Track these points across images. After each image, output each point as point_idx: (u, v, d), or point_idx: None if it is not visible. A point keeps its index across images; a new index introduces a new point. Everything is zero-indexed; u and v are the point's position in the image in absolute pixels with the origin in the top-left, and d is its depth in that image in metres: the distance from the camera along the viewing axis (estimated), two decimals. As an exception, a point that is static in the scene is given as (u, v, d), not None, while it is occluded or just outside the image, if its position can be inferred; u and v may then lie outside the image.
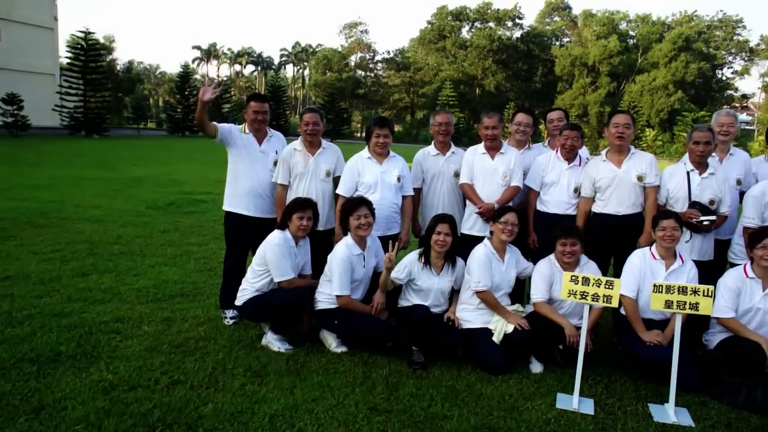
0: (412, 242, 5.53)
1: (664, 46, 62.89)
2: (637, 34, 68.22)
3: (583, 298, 4.13)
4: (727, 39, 67.67)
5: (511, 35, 72.47)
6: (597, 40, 65.65)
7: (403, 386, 4.15)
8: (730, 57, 69.19)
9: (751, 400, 4.03)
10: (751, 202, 4.73)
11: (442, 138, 5.55)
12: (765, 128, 48.06)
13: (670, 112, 58.38)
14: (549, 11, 75.45)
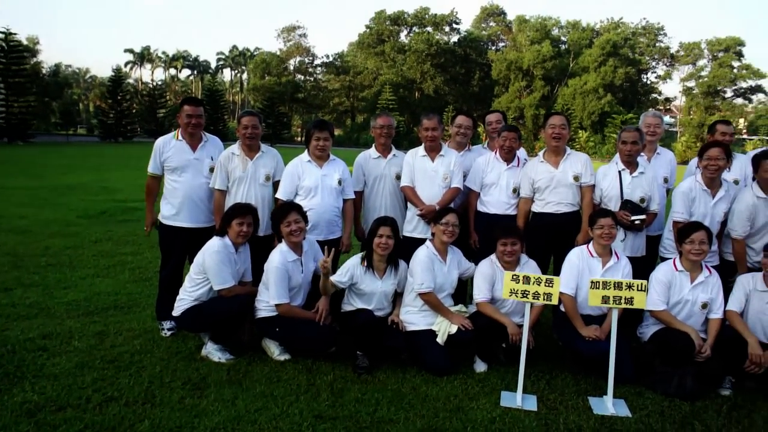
0: (354, 246, 5.48)
1: (594, 52, 65.44)
2: (568, 39, 70.71)
3: (524, 296, 4.20)
4: (651, 45, 71.19)
5: (448, 40, 73.70)
6: (531, 45, 67.60)
7: (349, 392, 4.09)
8: (654, 62, 72.87)
9: (682, 389, 4.19)
10: (679, 198, 4.94)
11: (383, 141, 5.54)
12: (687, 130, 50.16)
13: (601, 114, 60.80)
14: (484, 16, 77.18)
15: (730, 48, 65.93)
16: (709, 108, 65.24)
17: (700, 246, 4.40)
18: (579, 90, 63.83)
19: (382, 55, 72.60)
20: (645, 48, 71.25)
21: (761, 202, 4.70)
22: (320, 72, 76.85)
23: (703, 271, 4.54)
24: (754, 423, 3.89)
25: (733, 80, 66.50)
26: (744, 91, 68.10)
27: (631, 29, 71.04)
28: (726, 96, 67.94)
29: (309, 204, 5.00)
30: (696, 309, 4.49)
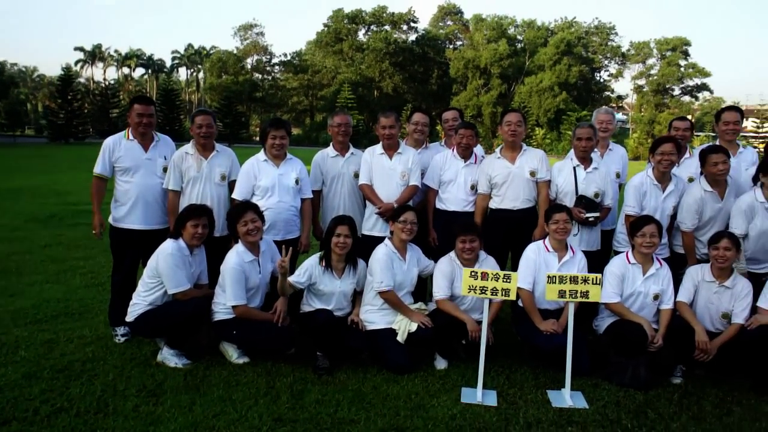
0: (314, 245, 5.43)
1: (549, 50, 66.66)
2: (524, 38, 71.80)
3: (483, 292, 4.23)
4: (603, 44, 72.93)
5: (406, 38, 73.94)
6: (488, 43, 68.40)
7: (309, 393, 4.05)
8: (606, 61, 74.64)
9: (636, 378, 4.29)
10: (631, 192, 5.05)
11: (341, 139, 5.50)
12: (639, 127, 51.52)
13: (557, 111, 61.99)
14: (442, 15, 77.69)
15: (677, 47, 68.10)
16: (658, 105, 67.24)
17: (651, 239, 4.52)
18: (535, 88, 64.93)
19: (341, 53, 72.36)
20: (598, 47, 72.97)
21: (708, 195, 4.85)
22: (278, 71, 76.07)
23: (655, 264, 4.65)
24: (703, 409, 4.02)
25: (681, 78, 68.75)
26: (691, 89, 70.52)
27: (584, 28, 72.64)
28: (674, 94, 70.18)
29: (266, 204, 4.93)
30: (648, 300, 4.60)
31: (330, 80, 70.56)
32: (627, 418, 3.84)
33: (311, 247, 5.41)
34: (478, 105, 66.28)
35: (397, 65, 70.24)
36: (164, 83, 65.59)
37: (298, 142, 55.12)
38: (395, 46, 69.95)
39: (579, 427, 3.72)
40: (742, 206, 4.68)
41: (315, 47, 75.68)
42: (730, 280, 4.50)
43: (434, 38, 75.24)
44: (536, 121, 62.03)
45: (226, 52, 72.30)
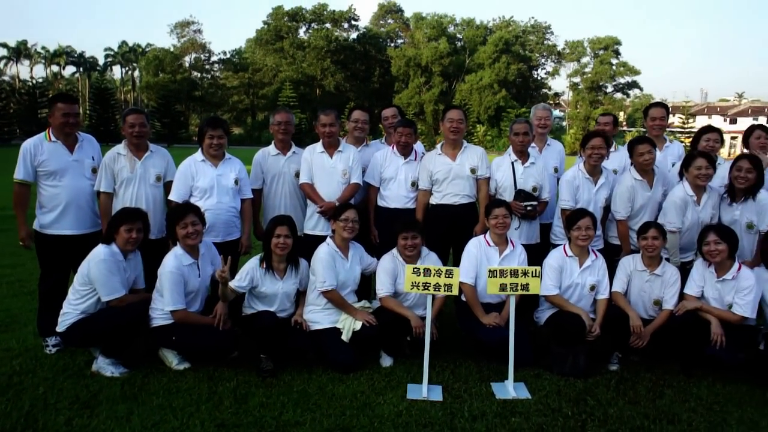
0: (256, 246, 5.33)
1: (488, 49, 67.94)
2: (463, 36, 72.90)
3: (426, 288, 4.25)
4: (540, 43, 74.96)
5: (347, 36, 73.78)
6: (428, 42, 69.09)
7: (253, 397, 3.97)
8: (543, 59, 76.79)
9: (576, 367, 4.42)
10: (565, 186, 5.19)
11: (282, 137, 5.43)
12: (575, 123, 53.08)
13: (497, 108, 63.30)
14: (382, 14, 77.92)
15: (609, 47, 70.70)
16: (593, 102, 69.56)
17: (587, 231, 4.65)
18: (475, 86, 66.05)
19: (282, 51, 71.47)
20: (534, 46, 74.90)
21: (638, 183, 5.04)
22: (218, 69, 74.41)
23: (590, 256, 4.80)
24: (638, 393, 4.18)
25: (613, 76, 71.45)
26: (622, 86, 73.44)
27: (521, 27, 74.42)
28: (607, 91, 72.86)
29: (204, 205, 4.80)
30: (585, 291, 4.74)
31: (271, 79, 69.57)
32: (567, 406, 3.94)
33: (253, 247, 5.30)
34: (420, 103, 66.88)
35: (339, 63, 70.00)
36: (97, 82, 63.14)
37: (240, 142, 54.12)
38: (337, 44, 69.71)
39: (522, 417, 3.79)
40: (677, 201, 4.85)
41: (255, 45, 74.45)
42: (659, 268, 4.70)
43: (375, 36, 75.39)
44: (477, 118, 63.11)
45: (162, 50, 70.16)
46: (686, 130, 52.46)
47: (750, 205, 4.76)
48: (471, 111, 61.98)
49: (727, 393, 4.20)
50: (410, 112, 63.59)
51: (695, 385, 4.33)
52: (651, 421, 3.77)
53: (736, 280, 4.45)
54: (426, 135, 48.95)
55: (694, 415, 3.86)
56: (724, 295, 4.49)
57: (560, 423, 3.72)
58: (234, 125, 70.29)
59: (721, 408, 3.98)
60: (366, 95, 70.33)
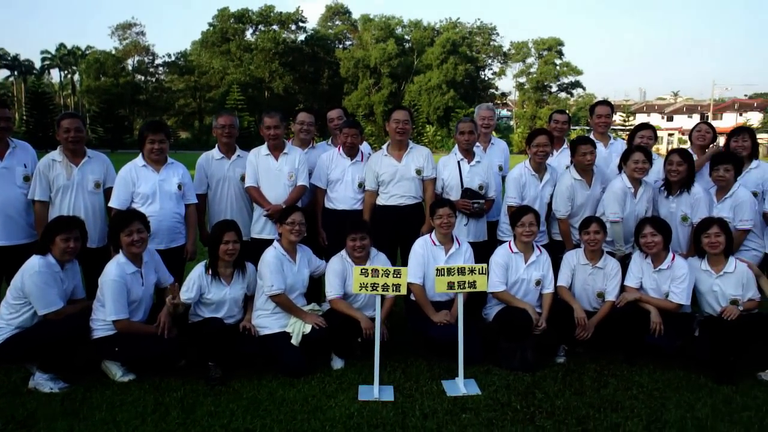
0: (202, 251, 5.22)
1: (436, 50, 68.56)
2: (411, 38, 73.32)
3: (374, 289, 4.26)
4: (486, 44, 76.14)
5: (295, 38, 73.08)
6: (376, 43, 69.17)
7: (201, 406, 3.89)
8: (490, 60, 78.01)
9: (524, 361, 4.51)
10: (511, 184, 5.29)
11: (225, 140, 5.34)
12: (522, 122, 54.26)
13: (446, 109, 63.92)
14: (330, 15, 77.58)
15: (552, 47, 72.47)
16: (539, 102, 71.17)
17: (530, 228, 4.75)
18: (424, 86, 66.56)
19: (228, 54, 70.19)
20: (481, 47, 76.04)
21: (578, 183, 5.18)
22: (162, 72, 72.46)
23: (535, 251, 4.90)
24: (583, 384, 4.30)
25: (557, 76, 73.30)
26: (566, 86, 75.40)
27: (467, 29, 75.40)
28: (552, 90, 74.72)
29: (147, 211, 4.66)
30: (531, 287, 4.84)
31: (218, 81, 68.22)
32: (516, 400, 4.02)
33: (198, 254, 5.19)
34: (370, 104, 66.92)
35: (287, 65, 69.29)
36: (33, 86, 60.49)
37: (188, 146, 52.89)
38: (284, 46, 68.95)
39: (472, 413, 3.84)
40: (616, 192, 5.02)
41: (201, 47, 72.84)
42: (601, 261, 4.85)
43: (323, 38, 75.01)
44: (427, 118, 63.61)
45: (103, 52, 67.74)
46: (627, 127, 54.26)
47: (685, 199, 4.96)
48: (420, 112, 62.43)
49: (666, 379, 4.37)
50: (360, 114, 63.54)
51: (637, 373, 4.49)
52: (596, 410, 3.88)
53: (671, 270, 4.63)
54: (376, 136, 48.98)
55: (635, 402, 3.99)
56: (661, 284, 4.67)
57: (509, 417, 3.79)
58: (181, 129, 68.66)
59: (660, 393, 4.14)
60: (315, 97, 69.88)
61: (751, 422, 3.73)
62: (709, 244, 4.56)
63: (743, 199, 4.83)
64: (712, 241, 4.54)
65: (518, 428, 3.65)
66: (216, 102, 63.86)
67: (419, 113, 61.16)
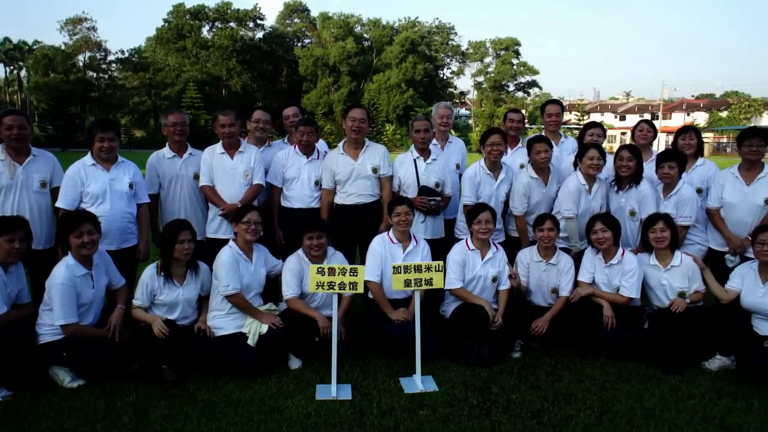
0: (155, 252, 5.10)
1: (395, 49, 68.73)
2: (370, 36, 73.35)
3: (331, 288, 4.24)
4: (444, 43, 76.77)
5: (253, 36, 72.15)
6: (335, 41, 68.91)
7: (154, 410, 3.80)
8: (448, 59, 78.72)
9: (481, 357, 4.56)
10: (466, 183, 5.35)
11: (177, 138, 5.24)
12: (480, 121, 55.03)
13: (405, 108, 64.12)
14: (288, 13, 76.92)
15: (509, 47, 73.64)
16: (497, 101, 72.17)
17: (486, 225, 4.81)
18: (383, 85, 66.64)
19: (184, 50, 68.77)
20: (440, 46, 76.62)
21: (534, 181, 5.27)
22: (116, 69, 70.44)
23: (492, 248, 4.97)
24: (539, 378, 4.37)
25: (514, 76, 74.57)
26: (523, 85, 76.81)
27: (426, 28, 75.85)
28: (509, 90, 75.94)
29: (97, 211, 4.53)
30: (488, 283, 4.90)
31: (174, 79, 66.75)
32: (473, 395, 4.06)
33: (151, 254, 5.07)
34: (329, 103, 66.64)
35: (245, 63, 68.35)
36: (-24, 82, 58.14)
37: (143, 145, 51.62)
38: (242, 44, 67.98)
39: (430, 409, 3.86)
40: (571, 189, 5.12)
41: (156, 44, 71.16)
42: (554, 258, 4.94)
43: (282, 36, 74.26)
44: (386, 117, 63.73)
45: (52, 47, 65.47)
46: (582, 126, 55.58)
47: (633, 194, 5.11)
48: (380, 110, 62.52)
49: (617, 371, 4.49)
50: (319, 112, 63.28)
51: (590, 366, 4.59)
52: (550, 403, 3.96)
53: (621, 264, 4.77)
54: (336, 135, 48.83)
55: (588, 394, 4.09)
56: (612, 279, 4.80)
57: (466, 412, 3.83)
58: (136, 128, 67.01)
59: (611, 385, 4.24)
60: (274, 95, 69.14)
61: (695, 410, 3.87)
62: (655, 239, 4.71)
63: (687, 196, 5.00)
64: (657, 236, 4.69)
65: (474, 423, 3.68)
66: (172, 100, 62.39)
67: (379, 112, 61.26)
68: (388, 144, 52.42)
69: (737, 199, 4.95)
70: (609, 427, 3.65)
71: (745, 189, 4.94)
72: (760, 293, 4.42)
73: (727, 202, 5.00)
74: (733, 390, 4.16)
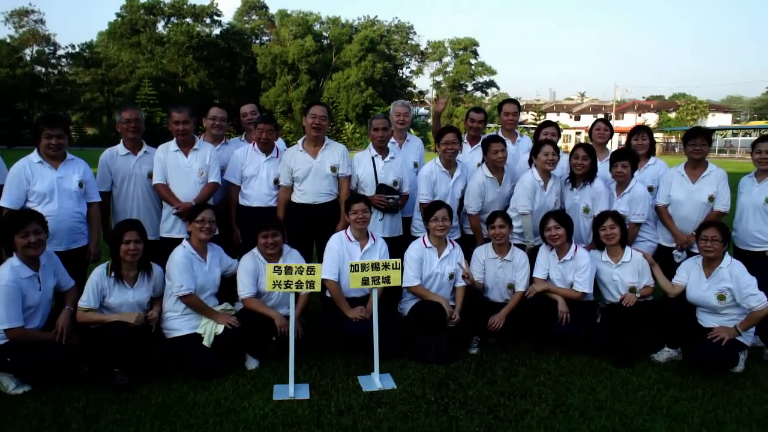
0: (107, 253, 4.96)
1: (354, 47, 68.67)
2: (330, 35, 73.07)
3: (288, 286, 4.21)
4: (404, 42, 77.19)
5: (210, 32, 70.94)
6: (294, 39, 68.38)
7: (105, 415, 3.70)
8: (407, 58, 79.19)
9: (438, 354, 4.59)
10: (423, 181, 5.37)
11: (131, 135, 5.10)
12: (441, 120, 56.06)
13: (364, 106, 64.13)
14: (246, 9, 75.93)
15: (468, 47, 74.57)
16: (455, 100, 72.88)
17: (443, 222, 4.85)
18: (343, 84, 66.49)
19: (139, 46, 67.04)
20: (399, 45, 76.97)
21: (489, 181, 5.33)
22: (66, 64, 68.17)
23: (448, 245, 5.01)
24: (495, 373, 4.44)
25: (472, 76, 75.49)
26: (481, 85, 77.86)
27: (385, 27, 76.09)
28: (468, 89, 76.85)
29: (44, 211, 4.38)
30: (445, 280, 4.94)
31: (128, 75, 64.96)
32: (431, 392, 4.09)
33: (103, 255, 4.93)
34: (288, 101, 66.08)
35: (202, 60, 67.07)
36: None
37: (96, 143, 50.17)
38: (199, 40, 66.71)
39: (388, 407, 3.87)
40: (526, 185, 5.20)
41: (108, 39, 69.13)
42: (509, 254, 5.02)
43: (240, 33, 73.20)
44: (345, 116, 63.61)
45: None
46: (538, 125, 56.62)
47: (587, 191, 5.23)
48: (339, 109, 62.35)
49: (571, 365, 4.59)
50: (278, 111, 62.63)
51: (545, 360, 4.68)
52: (506, 397, 4.02)
53: (574, 260, 4.88)
54: (295, 134, 48.41)
55: (543, 388, 4.17)
56: (566, 274, 4.90)
57: (424, 409, 3.85)
58: (88, 125, 64.97)
59: (566, 379, 4.34)
60: (232, 93, 68.06)
61: (644, 401, 3.99)
62: (605, 236, 4.84)
63: (639, 195, 5.15)
64: (607, 233, 4.82)
65: (432, 419, 3.71)
66: (126, 97, 60.78)
67: (338, 110, 61.09)
68: (347, 143, 52.32)
69: (683, 196, 5.12)
70: (563, 420, 3.72)
71: (691, 187, 5.11)
72: (704, 287, 4.59)
73: (674, 199, 5.17)
74: (679, 380, 4.31)
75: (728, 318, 4.51)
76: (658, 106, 76.11)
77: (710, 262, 4.57)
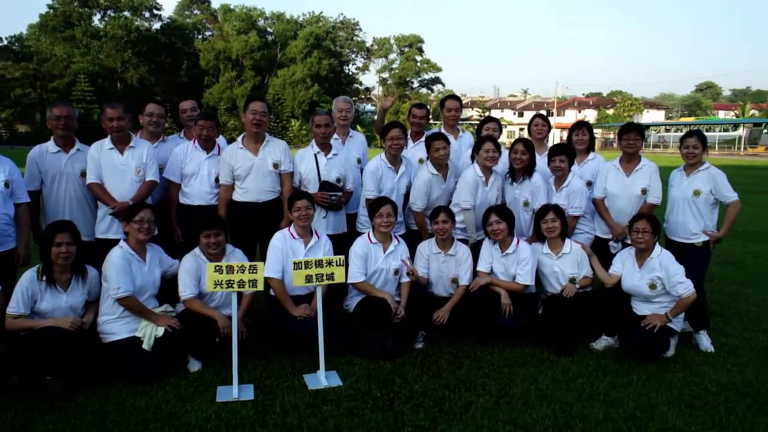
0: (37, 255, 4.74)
1: (299, 43, 68.02)
2: (274, 30, 72.10)
3: (230, 286, 4.14)
4: (349, 39, 76.96)
5: (150, 26, 68.81)
6: (238, 35, 67.17)
7: (36, 425, 3.55)
8: (354, 55, 79.06)
9: (384, 349, 4.61)
10: (368, 177, 5.36)
11: (62, 133, 4.88)
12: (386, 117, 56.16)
13: (310, 103, 63.55)
14: (188, 3, 74.03)
15: (413, 44, 75.09)
16: (401, 97, 73.25)
17: (388, 218, 4.86)
18: (288, 80, 65.77)
19: (73, 40, 64.28)
20: (345, 41, 76.70)
21: (434, 178, 5.37)
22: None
23: (393, 241, 5.03)
24: (440, 367, 4.49)
25: (418, 72, 76.09)
26: (427, 82, 78.58)
27: (331, 23, 75.66)
28: (414, 86, 77.37)
29: (-33, 213, 4.16)
30: (390, 276, 4.96)
31: (62, 70, 62.20)
32: (377, 388, 4.10)
33: (33, 257, 4.71)
34: (233, 97, 64.81)
35: (142, 55, 64.93)
36: None
37: (29, 141, 47.86)
38: (138, 35, 64.53)
39: (333, 404, 3.86)
40: (468, 181, 5.27)
41: (40, 32, 66.04)
42: (452, 249, 5.08)
43: (181, 27, 71.27)
44: (291, 112, 62.97)
45: None
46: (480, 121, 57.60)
47: (526, 185, 5.34)
48: (285, 105, 61.69)
49: (514, 356, 4.69)
50: (222, 107, 61.46)
51: (489, 352, 4.77)
52: (451, 390, 4.07)
53: (516, 253, 4.98)
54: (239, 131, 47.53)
55: (487, 380, 4.24)
56: (509, 267, 5.00)
57: (369, 405, 3.86)
58: (19, 123, 61.97)
59: (509, 370, 4.43)
60: (174, 89, 66.23)
61: (584, 388, 4.12)
62: (546, 229, 4.97)
63: (577, 188, 5.30)
64: (549, 226, 4.95)
65: (378, 415, 3.72)
66: (60, 93, 58.23)
67: (284, 107, 60.41)
68: (293, 140, 51.84)
69: (618, 189, 5.30)
70: (506, 410, 3.80)
71: (625, 180, 5.30)
72: (637, 277, 4.77)
73: (610, 192, 5.34)
74: (616, 367, 4.47)
75: (660, 306, 4.71)
76: (597, 103, 78.80)
77: (642, 252, 4.76)
